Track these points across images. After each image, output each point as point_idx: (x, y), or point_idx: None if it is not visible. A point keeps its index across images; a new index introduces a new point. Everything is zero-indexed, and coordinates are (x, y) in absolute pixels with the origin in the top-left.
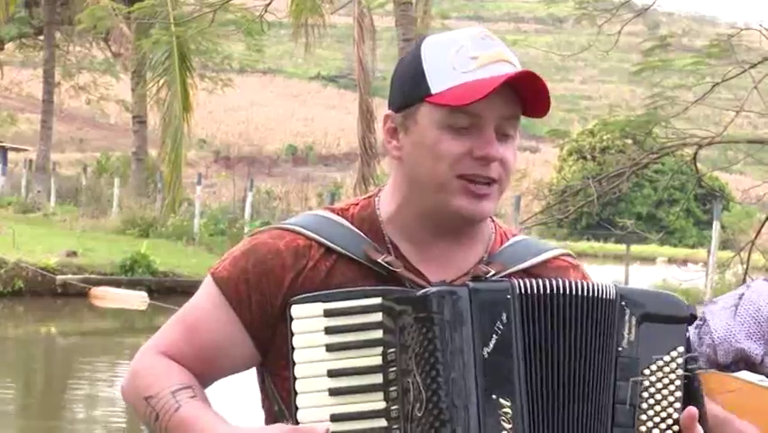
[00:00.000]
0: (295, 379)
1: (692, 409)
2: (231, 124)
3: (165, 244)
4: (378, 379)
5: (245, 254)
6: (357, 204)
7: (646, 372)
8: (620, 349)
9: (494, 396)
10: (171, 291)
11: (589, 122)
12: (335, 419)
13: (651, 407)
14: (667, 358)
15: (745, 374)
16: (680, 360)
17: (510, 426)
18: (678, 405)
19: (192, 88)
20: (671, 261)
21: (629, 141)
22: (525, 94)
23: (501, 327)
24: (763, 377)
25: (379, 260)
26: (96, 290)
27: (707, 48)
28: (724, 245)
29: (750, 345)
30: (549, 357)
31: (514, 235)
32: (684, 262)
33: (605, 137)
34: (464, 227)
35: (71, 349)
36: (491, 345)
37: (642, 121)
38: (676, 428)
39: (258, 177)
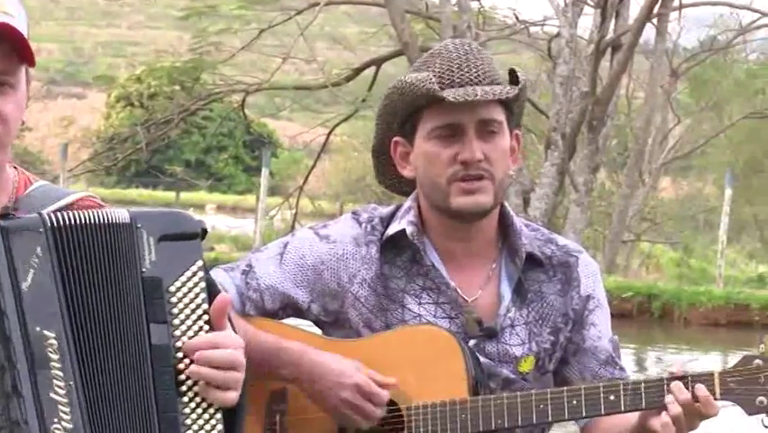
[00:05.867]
0: None
1: (223, 298)
2: None
3: None
4: None
5: None
6: None
7: (172, 288)
8: (144, 270)
9: (38, 328)
10: None
11: (136, 68)
12: None
13: (183, 322)
14: (189, 273)
15: (292, 321)
16: (201, 273)
17: (57, 356)
18: (207, 316)
19: None
20: (220, 208)
21: (177, 87)
22: (20, 46)
23: (37, 261)
24: (309, 323)
25: None
26: None
27: None
28: (273, 192)
29: (296, 292)
30: (88, 286)
31: (36, 180)
32: (233, 208)
33: (153, 83)
34: None
35: None
36: (29, 280)
37: (189, 67)
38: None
39: None
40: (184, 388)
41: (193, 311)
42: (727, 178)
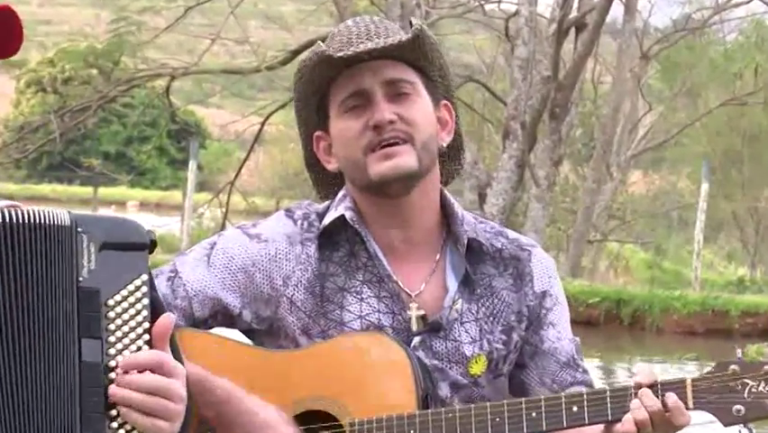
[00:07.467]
0: None
1: (166, 319)
2: None
3: None
4: None
5: None
6: None
7: (111, 302)
8: (81, 279)
9: None
10: None
11: (48, 50)
12: None
13: (119, 340)
14: (131, 287)
15: (221, 331)
16: (145, 288)
17: None
18: (147, 336)
19: None
20: (143, 205)
21: (95, 71)
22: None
23: None
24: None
25: None
26: None
27: None
28: (201, 187)
29: (226, 296)
30: (20, 290)
31: None
32: (158, 205)
33: (67, 67)
34: None
35: None
36: None
37: (107, 49)
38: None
39: None
40: (114, 412)
41: (132, 329)
42: (704, 171)
